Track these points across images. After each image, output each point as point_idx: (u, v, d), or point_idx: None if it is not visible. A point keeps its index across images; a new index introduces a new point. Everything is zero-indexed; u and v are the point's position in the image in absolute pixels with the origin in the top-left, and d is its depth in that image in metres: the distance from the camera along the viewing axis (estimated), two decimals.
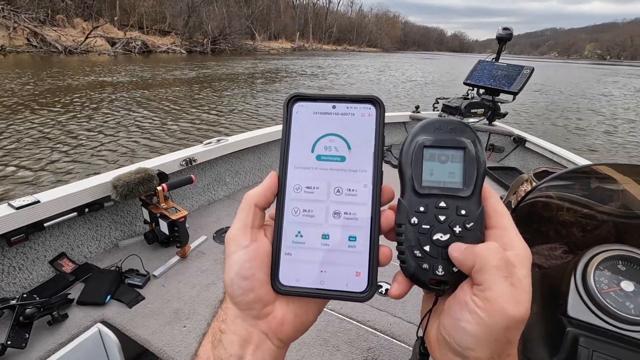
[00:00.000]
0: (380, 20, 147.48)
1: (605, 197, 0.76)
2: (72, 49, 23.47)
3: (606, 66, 78.51)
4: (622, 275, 0.56)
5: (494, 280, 0.26)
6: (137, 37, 29.47)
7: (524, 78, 2.82)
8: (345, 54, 64.72)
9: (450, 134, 0.32)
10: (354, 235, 0.32)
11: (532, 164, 3.14)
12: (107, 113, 8.06)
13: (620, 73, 45.35)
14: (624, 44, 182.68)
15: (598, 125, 10.55)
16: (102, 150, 5.85)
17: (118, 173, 1.70)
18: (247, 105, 9.82)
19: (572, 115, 11.63)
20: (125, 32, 29.61)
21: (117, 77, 13.36)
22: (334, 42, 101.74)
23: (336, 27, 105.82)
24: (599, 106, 14.09)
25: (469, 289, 0.28)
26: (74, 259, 1.66)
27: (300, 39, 78.34)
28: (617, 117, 11.85)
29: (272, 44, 59.39)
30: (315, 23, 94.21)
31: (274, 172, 0.33)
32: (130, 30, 32.35)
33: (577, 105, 13.96)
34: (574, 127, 10.16)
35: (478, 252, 0.28)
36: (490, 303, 0.26)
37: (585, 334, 0.50)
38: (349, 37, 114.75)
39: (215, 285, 1.60)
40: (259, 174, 2.77)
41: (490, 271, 0.27)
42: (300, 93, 0.34)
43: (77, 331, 1.30)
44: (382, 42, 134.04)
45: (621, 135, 9.53)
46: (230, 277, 0.30)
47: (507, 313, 0.26)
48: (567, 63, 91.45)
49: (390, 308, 1.48)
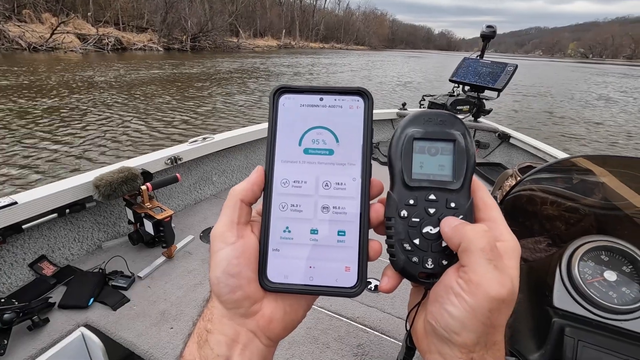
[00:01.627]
0: (368, 18, 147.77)
1: (586, 190, 0.78)
2: (37, 46, 22.24)
3: (592, 65, 77.54)
4: (605, 265, 0.57)
5: (478, 262, 0.26)
6: (109, 33, 28.07)
7: (508, 75, 2.88)
8: (332, 52, 64.28)
9: (440, 126, 0.32)
10: (343, 230, 0.31)
11: (517, 159, 3.20)
12: (86, 112, 7.86)
13: (609, 72, 43.53)
14: (605, 42, 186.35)
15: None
16: (84, 150, 5.70)
17: (100, 172, 1.65)
18: (224, 106, 9.56)
19: (581, 131, 9.75)
20: (97, 28, 28.06)
21: (88, 76, 12.78)
22: (322, 40, 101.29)
23: (323, 25, 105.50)
24: (607, 117, 11.85)
25: (455, 272, 0.28)
26: (54, 261, 1.61)
27: (287, 37, 77.59)
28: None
29: (258, 41, 58.45)
30: (302, 21, 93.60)
31: (261, 166, 0.32)
32: (105, 26, 30.80)
33: (579, 114, 12.01)
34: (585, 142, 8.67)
35: (465, 233, 0.28)
36: (473, 284, 0.26)
37: (571, 324, 0.51)
38: (337, 35, 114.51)
39: (202, 285, 1.58)
40: (246, 173, 2.74)
41: (475, 253, 0.26)
42: (286, 85, 0.33)
43: (59, 336, 1.27)
44: (369, 40, 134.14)
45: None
46: (216, 275, 0.29)
47: (490, 295, 0.25)
48: (552, 62, 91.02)
49: (380, 304, 1.49)
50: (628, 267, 0.56)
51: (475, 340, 0.27)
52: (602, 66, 67.73)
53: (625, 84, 26.37)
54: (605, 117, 11.90)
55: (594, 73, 39.49)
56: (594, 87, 22.10)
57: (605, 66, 68.77)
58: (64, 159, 5.29)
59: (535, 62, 72.55)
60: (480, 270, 0.26)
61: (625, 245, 0.57)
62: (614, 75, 36.23)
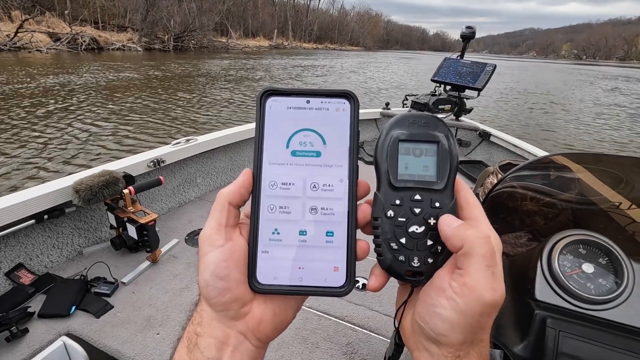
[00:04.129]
0: (362, 18, 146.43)
1: (564, 185, 0.81)
2: (0, 46, 20.91)
3: (586, 66, 73.37)
4: (582, 258, 0.59)
5: (477, 268, 0.27)
6: (83, 32, 26.58)
7: (487, 75, 2.95)
8: (326, 52, 62.94)
9: (424, 128, 0.33)
10: (331, 231, 0.32)
11: (497, 157, 3.29)
12: (61, 115, 7.59)
13: (609, 75, 39.11)
14: (598, 44, 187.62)
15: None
16: (62, 154, 5.52)
17: (80, 177, 1.61)
18: (205, 108, 9.27)
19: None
20: (71, 27, 26.53)
21: (54, 78, 12.02)
22: (315, 40, 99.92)
23: (317, 25, 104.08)
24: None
25: (447, 274, 0.29)
26: (33, 269, 1.55)
27: (279, 37, 76.19)
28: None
29: (249, 41, 57.20)
30: (295, 21, 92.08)
31: (248, 169, 0.32)
32: (84, 25, 29.37)
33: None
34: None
35: (468, 237, 0.28)
36: (468, 289, 0.27)
37: (552, 316, 0.53)
38: (331, 35, 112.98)
39: (189, 289, 1.56)
40: (231, 174, 2.71)
41: (476, 258, 0.27)
42: (273, 87, 0.33)
43: (40, 346, 1.23)
44: (364, 40, 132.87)
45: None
46: (205, 278, 0.29)
47: (484, 300, 0.26)
48: (547, 63, 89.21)
49: (368, 302, 1.50)
50: (604, 259, 0.59)
51: (462, 340, 0.27)
52: (597, 68, 65.76)
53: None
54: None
55: (592, 77, 34.64)
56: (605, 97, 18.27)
57: (601, 68, 67.28)
58: (41, 164, 5.11)
59: (526, 64, 69.62)
60: (478, 275, 0.27)
61: (601, 238, 0.59)
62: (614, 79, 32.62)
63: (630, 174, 0.72)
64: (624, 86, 25.57)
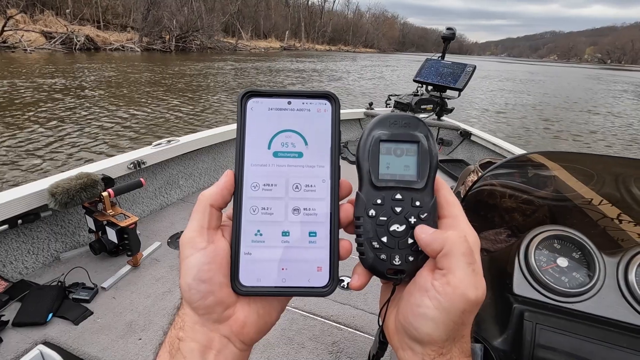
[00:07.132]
0: (377, 20, 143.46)
1: (540, 183, 0.84)
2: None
3: (616, 72, 63.82)
4: (557, 252, 0.61)
5: (458, 266, 0.27)
6: (77, 30, 25.57)
7: (467, 75, 3.02)
8: (338, 54, 60.61)
9: (404, 128, 0.33)
10: (314, 231, 0.32)
11: (478, 155, 3.36)
12: (40, 115, 7.32)
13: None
14: (624, 47, 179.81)
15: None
16: (36, 156, 5.31)
17: (56, 179, 1.56)
18: (187, 110, 9.14)
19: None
20: (71, 25, 25.55)
21: (39, 79, 11.50)
22: (328, 42, 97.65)
23: (331, 26, 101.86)
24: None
25: (429, 274, 0.29)
26: (6, 276, 1.49)
27: (292, 39, 74.19)
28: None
29: (260, 43, 55.59)
30: (308, 22, 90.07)
31: (230, 170, 0.32)
32: (84, 24, 28.06)
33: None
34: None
35: (448, 238, 0.28)
36: (451, 287, 0.27)
37: (529, 309, 0.55)
38: (345, 37, 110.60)
39: (171, 293, 1.53)
40: (214, 175, 2.68)
41: (457, 257, 0.28)
42: (254, 89, 0.33)
43: (15, 355, 1.18)
44: (379, 42, 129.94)
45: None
46: (187, 282, 0.29)
47: (467, 297, 0.27)
48: (571, 67, 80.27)
49: (352, 301, 1.51)
50: (577, 254, 0.61)
51: (445, 338, 0.28)
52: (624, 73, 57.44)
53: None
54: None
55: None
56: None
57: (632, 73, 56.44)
58: (14, 167, 4.91)
59: (549, 68, 61.83)
60: (460, 273, 0.27)
61: (574, 233, 0.62)
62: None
63: (601, 171, 0.76)
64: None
